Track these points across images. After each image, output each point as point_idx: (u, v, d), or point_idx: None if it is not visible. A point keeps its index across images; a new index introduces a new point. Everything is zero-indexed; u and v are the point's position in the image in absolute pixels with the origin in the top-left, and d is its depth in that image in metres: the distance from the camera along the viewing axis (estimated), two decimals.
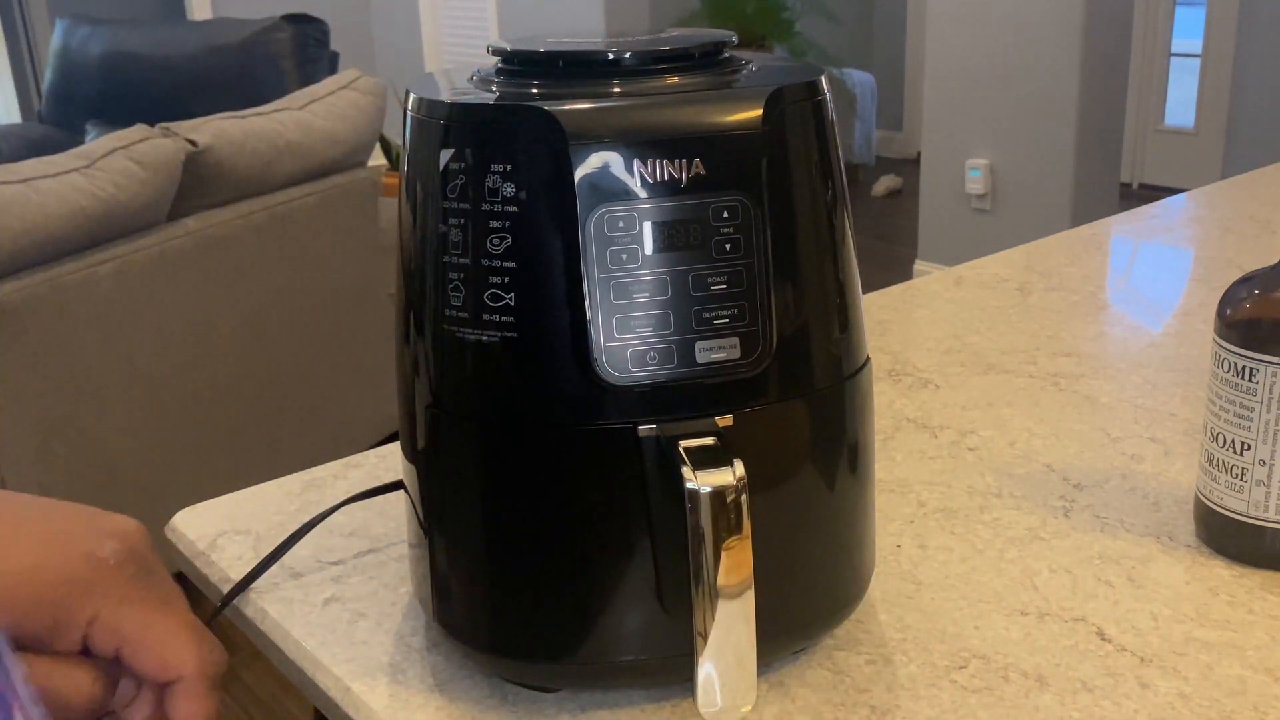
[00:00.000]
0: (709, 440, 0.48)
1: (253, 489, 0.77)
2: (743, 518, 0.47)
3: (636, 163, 0.48)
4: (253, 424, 2.30)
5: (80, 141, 3.35)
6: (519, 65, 0.54)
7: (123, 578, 0.41)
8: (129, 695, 0.43)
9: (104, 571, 0.41)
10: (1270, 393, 0.61)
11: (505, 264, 0.49)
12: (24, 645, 0.40)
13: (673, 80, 0.51)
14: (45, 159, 1.96)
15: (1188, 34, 5.22)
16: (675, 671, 0.54)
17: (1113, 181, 3.64)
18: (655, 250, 0.48)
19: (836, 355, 0.54)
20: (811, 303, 0.52)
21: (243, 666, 2.12)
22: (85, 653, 0.42)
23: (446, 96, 0.52)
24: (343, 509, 0.71)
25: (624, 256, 0.48)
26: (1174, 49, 5.26)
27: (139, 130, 2.06)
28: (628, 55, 0.51)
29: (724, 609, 0.47)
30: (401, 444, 0.59)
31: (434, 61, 5.39)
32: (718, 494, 0.46)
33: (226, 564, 0.69)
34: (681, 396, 0.49)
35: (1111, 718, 0.54)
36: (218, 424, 2.23)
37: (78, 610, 0.41)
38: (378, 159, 3.87)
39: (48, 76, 4.00)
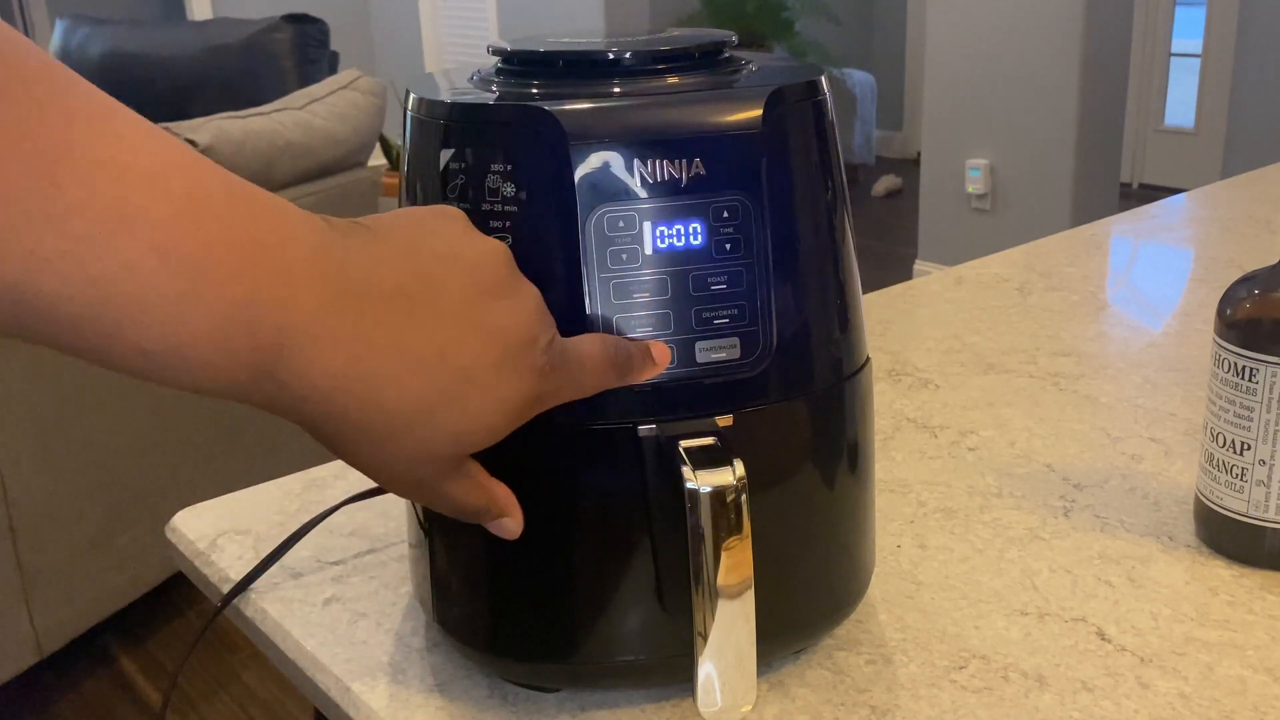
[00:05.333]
0: (709, 440, 0.48)
1: (253, 489, 0.77)
2: (743, 518, 0.47)
3: (636, 163, 0.48)
4: (252, 424, 2.30)
5: None
6: (519, 65, 0.54)
7: (556, 371, 0.44)
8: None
9: (543, 379, 0.43)
10: (1270, 393, 0.61)
11: None
12: None
13: (673, 80, 0.51)
14: None
15: (1188, 34, 5.22)
16: (675, 671, 0.54)
17: (1113, 181, 3.64)
18: (655, 250, 0.48)
19: (836, 355, 0.54)
20: (811, 303, 0.52)
21: (243, 666, 2.12)
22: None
23: (446, 96, 0.52)
24: (343, 509, 0.71)
25: (624, 256, 0.48)
26: (1174, 49, 5.27)
27: None
28: (628, 55, 0.51)
29: (724, 609, 0.47)
30: None
31: (434, 61, 5.39)
32: (718, 494, 0.46)
33: (226, 564, 0.69)
34: (681, 396, 0.49)
35: (1111, 718, 0.54)
36: (217, 424, 2.23)
37: (529, 415, 0.44)
38: (378, 159, 3.87)
39: None
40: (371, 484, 0.73)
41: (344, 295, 0.37)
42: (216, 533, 0.72)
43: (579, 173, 0.48)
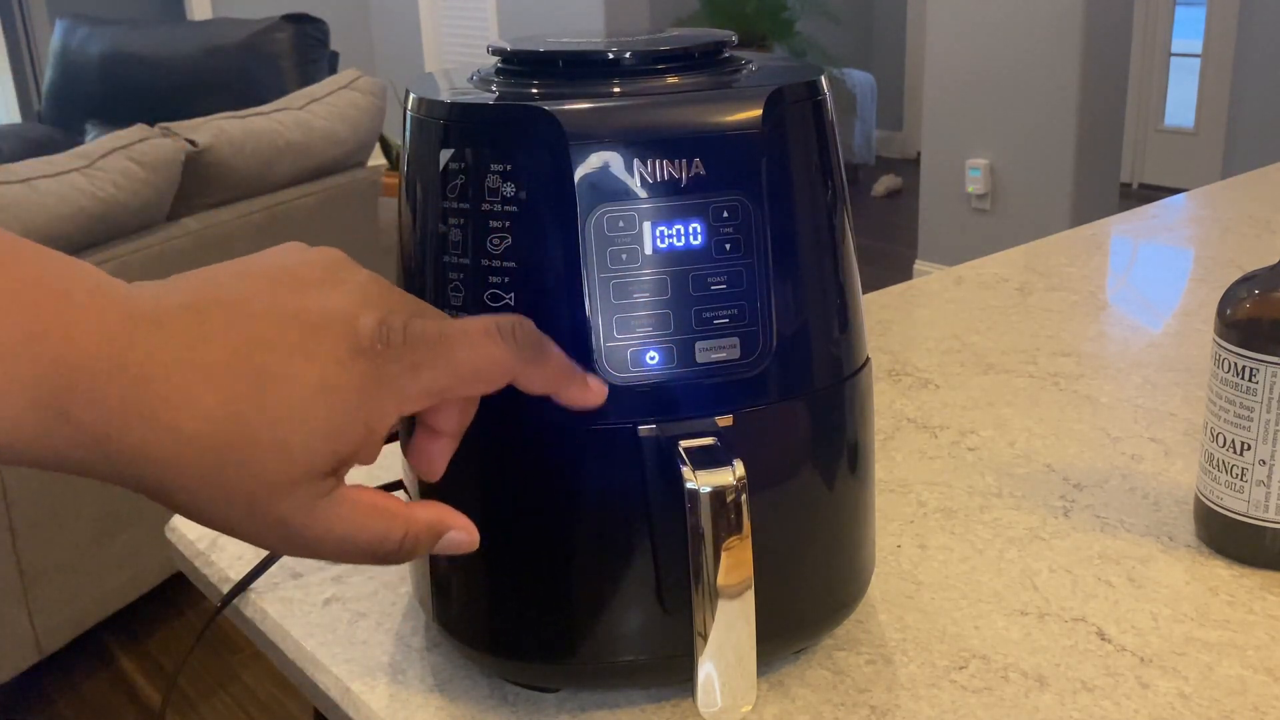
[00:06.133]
0: (709, 440, 0.48)
1: None
2: (743, 518, 0.47)
3: (636, 163, 0.48)
4: None
5: (80, 141, 3.35)
6: (519, 65, 0.54)
7: (395, 349, 0.39)
8: None
9: (378, 359, 0.38)
10: (1270, 393, 0.61)
11: (505, 264, 0.49)
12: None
13: (673, 80, 0.51)
14: (45, 159, 1.96)
15: (1188, 34, 5.22)
16: (675, 671, 0.54)
17: (1113, 181, 3.64)
18: (655, 250, 0.48)
19: (836, 355, 0.54)
20: (811, 303, 0.52)
21: (243, 666, 2.12)
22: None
23: (446, 96, 0.52)
24: None
25: (624, 256, 0.48)
26: (1174, 49, 5.27)
27: (139, 130, 2.06)
28: (628, 55, 0.51)
29: (724, 609, 0.47)
30: (401, 444, 0.59)
31: (434, 61, 5.39)
32: (717, 494, 0.46)
33: (226, 564, 0.69)
34: (681, 396, 0.49)
35: (1111, 718, 0.54)
36: None
37: (385, 409, 0.39)
38: (378, 159, 3.87)
39: (48, 76, 4.01)
40: (373, 484, 0.73)
41: (128, 320, 0.35)
42: (216, 533, 0.72)
43: (579, 173, 0.48)
